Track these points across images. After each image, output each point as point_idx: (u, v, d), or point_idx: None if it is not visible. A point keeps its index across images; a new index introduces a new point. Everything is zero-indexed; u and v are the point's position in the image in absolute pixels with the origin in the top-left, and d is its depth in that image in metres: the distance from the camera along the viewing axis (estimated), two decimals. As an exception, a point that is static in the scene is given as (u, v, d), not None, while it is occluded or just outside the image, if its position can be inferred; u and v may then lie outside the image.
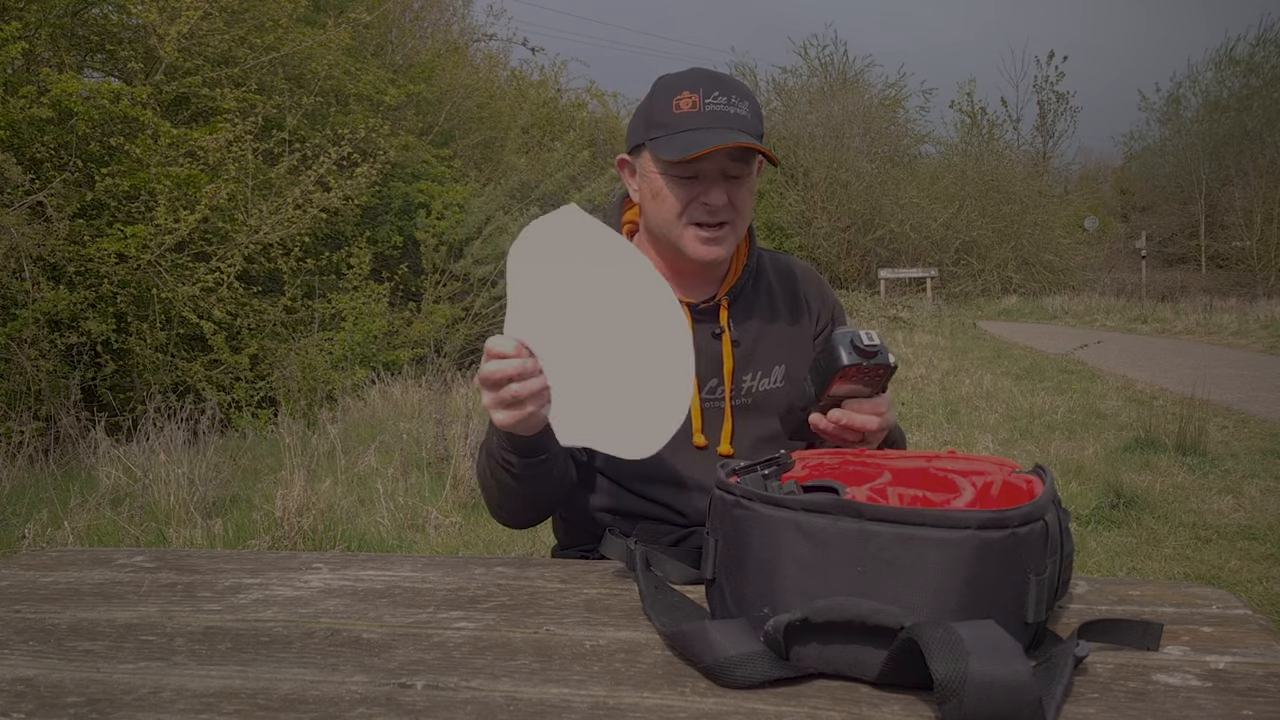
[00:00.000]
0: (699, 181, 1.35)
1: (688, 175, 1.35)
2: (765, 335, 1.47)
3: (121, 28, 8.32)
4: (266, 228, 7.70)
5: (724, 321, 1.44)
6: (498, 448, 1.29)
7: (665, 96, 1.36)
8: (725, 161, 1.34)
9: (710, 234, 1.37)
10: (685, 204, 1.37)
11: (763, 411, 1.44)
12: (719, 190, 1.35)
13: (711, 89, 1.35)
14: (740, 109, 1.35)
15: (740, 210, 1.38)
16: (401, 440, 5.53)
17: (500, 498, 1.37)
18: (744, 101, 1.36)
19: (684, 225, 1.38)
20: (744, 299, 1.47)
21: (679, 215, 1.37)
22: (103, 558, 1.37)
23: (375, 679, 0.92)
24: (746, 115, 1.35)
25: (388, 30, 12.95)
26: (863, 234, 24.18)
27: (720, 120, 1.33)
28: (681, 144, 1.31)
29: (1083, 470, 5.13)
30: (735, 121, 1.33)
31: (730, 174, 1.35)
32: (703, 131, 1.31)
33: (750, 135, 1.33)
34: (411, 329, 9.58)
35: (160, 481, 4.58)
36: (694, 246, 1.38)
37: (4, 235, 6.02)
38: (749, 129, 1.34)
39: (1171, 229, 29.75)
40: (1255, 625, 1.01)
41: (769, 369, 1.46)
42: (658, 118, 1.36)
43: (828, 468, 1.12)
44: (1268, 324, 14.85)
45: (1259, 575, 3.59)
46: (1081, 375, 9.45)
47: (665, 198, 1.38)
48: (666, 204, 1.38)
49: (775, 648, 0.87)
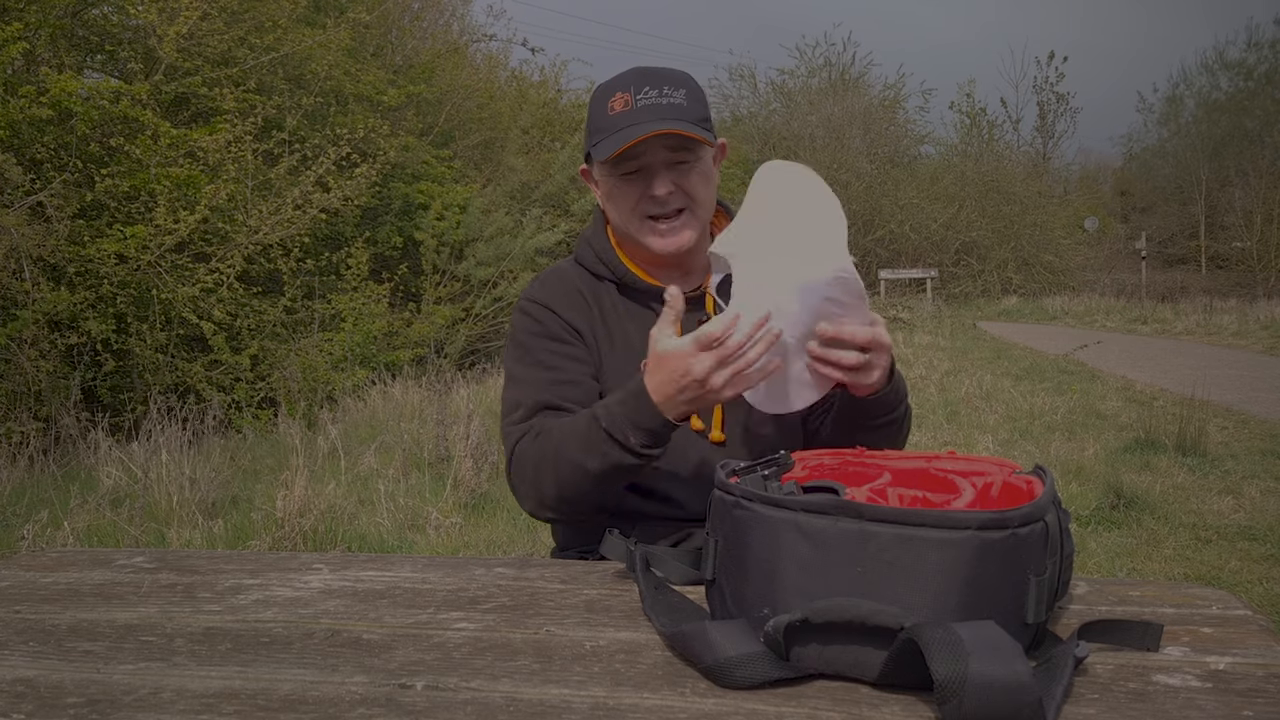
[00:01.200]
0: (644, 175, 1.37)
1: (630, 172, 1.38)
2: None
3: (121, 28, 8.33)
4: (266, 228, 7.71)
5: (710, 309, 1.45)
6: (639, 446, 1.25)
7: (601, 101, 1.39)
8: (666, 152, 1.36)
9: (666, 225, 1.39)
10: (635, 200, 1.39)
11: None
12: (661, 180, 1.37)
13: (643, 84, 1.36)
14: (674, 98, 1.36)
15: (694, 195, 1.39)
16: (402, 441, 5.53)
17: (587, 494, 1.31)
18: (679, 90, 1.37)
19: (640, 221, 1.40)
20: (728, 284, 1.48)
21: (632, 212, 1.40)
22: (103, 558, 1.37)
23: (375, 679, 0.92)
24: (682, 103, 1.36)
25: (388, 31, 12.96)
26: (863, 234, 24.18)
27: (652, 114, 1.34)
28: (613, 143, 1.34)
29: (1083, 471, 5.13)
30: (669, 111, 1.35)
31: (675, 161, 1.37)
32: (634, 127, 1.33)
33: (687, 121, 1.34)
34: (412, 330, 9.59)
35: (160, 482, 4.58)
36: (653, 241, 1.40)
37: (4, 235, 6.02)
38: (685, 115, 1.35)
39: (1171, 230, 29.76)
40: (1255, 626, 1.01)
41: None
42: (596, 123, 1.39)
43: (828, 468, 1.12)
44: (1268, 324, 14.85)
45: (1259, 575, 3.59)
46: (1081, 376, 9.45)
47: (616, 198, 1.41)
48: (619, 204, 1.41)
49: (775, 648, 0.87)
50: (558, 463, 1.31)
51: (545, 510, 1.38)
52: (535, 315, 1.46)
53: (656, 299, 1.41)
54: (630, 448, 1.25)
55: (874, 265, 24.05)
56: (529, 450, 1.36)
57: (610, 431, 1.26)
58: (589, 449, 1.28)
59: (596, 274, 1.49)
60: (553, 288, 1.48)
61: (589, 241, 1.51)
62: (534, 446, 1.35)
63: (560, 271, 1.52)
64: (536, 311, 1.46)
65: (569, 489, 1.32)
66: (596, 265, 1.48)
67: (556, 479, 1.32)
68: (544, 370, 1.42)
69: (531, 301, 1.48)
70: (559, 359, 1.42)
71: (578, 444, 1.29)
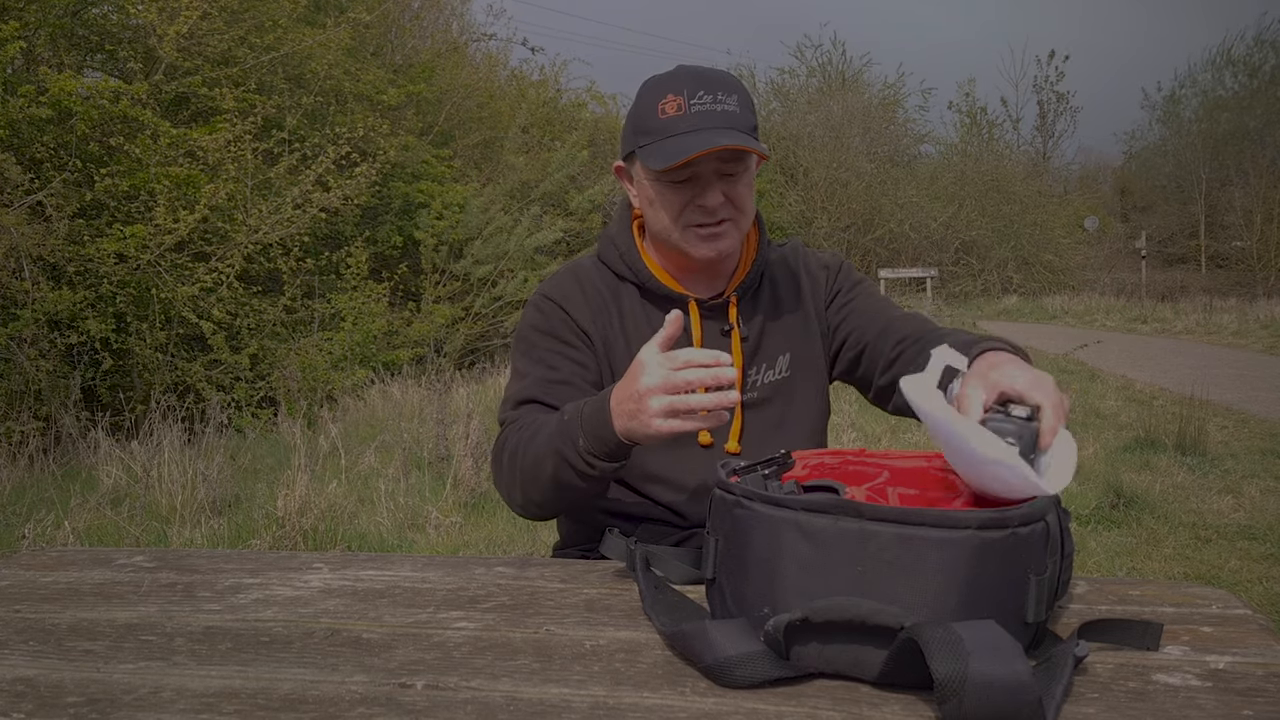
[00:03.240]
0: (693, 184, 1.33)
1: (680, 179, 1.33)
2: (771, 326, 1.46)
3: (121, 28, 8.32)
4: (266, 228, 7.70)
5: (733, 318, 1.43)
6: (584, 451, 1.21)
7: (651, 101, 1.34)
8: (717, 162, 1.32)
9: (710, 231, 1.35)
10: (681, 209, 1.35)
11: (771, 403, 1.44)
12: (714, 192, 1.33)
13: (696, 88, 1.32)
14: (728, 104, 1.32)
15: (740, 206, 1.36)
16: (402, 440, 5.52)
17: (548, 494, 1.29)
18: (732, 95, 1.33)
19: (683, 228, 1.36)
20: (751, 293, 1.47)
21: (676, 220, 1.36)
22: (103, 558, 1.37)
23: (375, 679, 0.92)
24: (735, 110, 1.32)
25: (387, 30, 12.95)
26: (863, 234, 24.17)
27: (707, 120, 1.30)
28: (668, 151, 1.29)
29: (1082, 470, 5.13)
30: (723, 119, 1.30)
31: (725, 172, 1.33)
32: (689, 135, 1.29)
33: (740, 130, 1.31)
34: (411, 329, 9.59)
35: (161, 481, 4.58)
36: (696, 246, 1.36)
37: (4, 235, 6.02)
38: (738, 124, 1.31)
39: (1171, 229, 29.74)
40: (1255, 625, 1.01)
41: (774, 359, 1.45)
42: (645, 124, 1.34)
43: (828, 468, 1.12)
44: (1268, 324, 14.84)
45: (1259, 575, 3.59)
46: (1081, 375, 9.45)
47: (660, 204, 1.36)
48: (663, 210, 1.36)
49: (775, 648, 0.87)
50: (524, 459, 1.29)
51: (517, 506, 1.35)
52: (545, 311, 1.44)
53: (680, 307, 1.40)
54: (579, 450, 1.21)
55: (874, 265, 24.05)
56: (506, 443, 1.34)
57: (568, 429, 1.23)
58: (549, 445, 1.25)
59: (619, 274, 1.45)
60: (569, 285, 1.45)
61: (613, 240, 1.47)
62: (511, 439, 1.33)
63: (581, 268, 1.48)
64: (547, 308, 1.44)
65: (532, 489, 1.30)
66: (619, 265, 1.45)
67: (521, 476, 1.30)
68: (543, 368, 1.40)
69: (544, 297, 1.45)
70: (558, 358, 1.41)
71: (543, 439, 1.27)
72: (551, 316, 1.43)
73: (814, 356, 1.48)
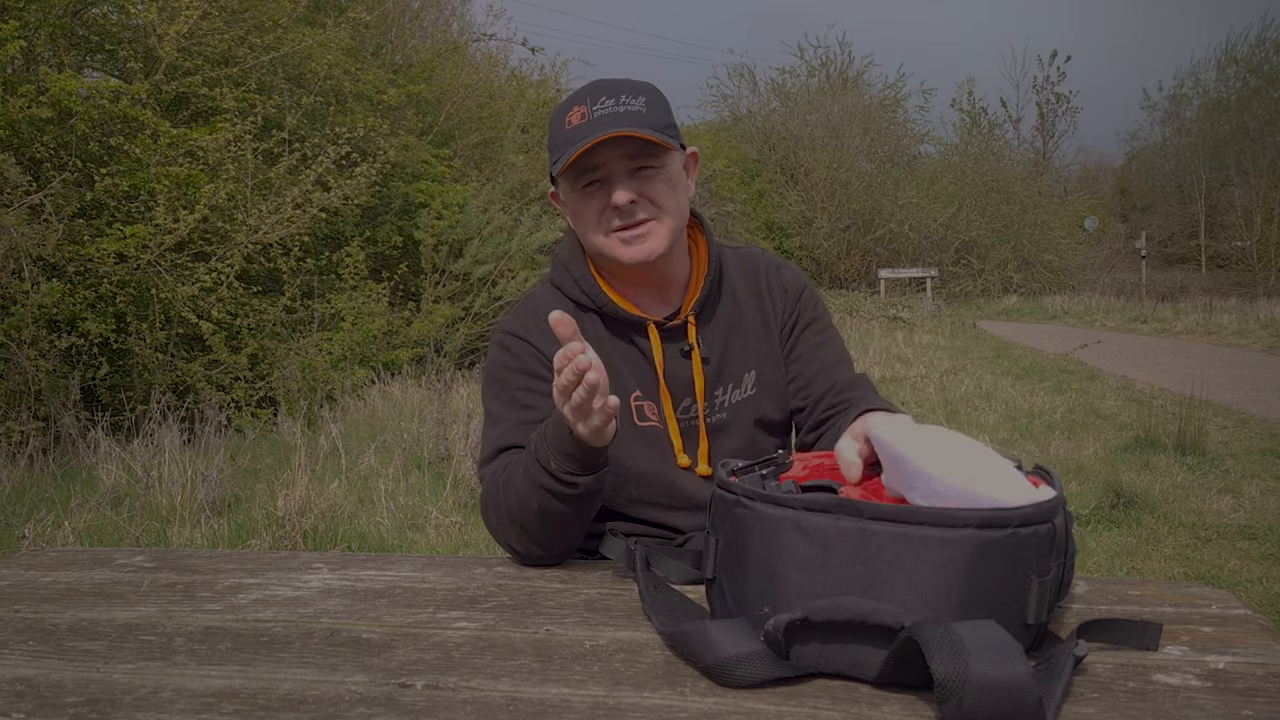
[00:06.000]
0: (605, 187, 1.32)
1: (590, 183, 1.32)
2: (733, 344, 1.43)
3: (121, 27, 8.32)
4: (266, 228, 7.70)
5: (692, 339, 1.40)
6: (559, 472, 1.21)
7: (560, 118, 1.34)
8: (626, 160, 1.30)
9: (631, 233, 1.33)
10: (599, 214, 1.33)
11: (737, 424, 1.42)
12: (621, 189, 1.30)
13: (599, 95, 1.31)
14: (633, 105, 1.30)
15: (658, 203, 1.33)
16: (402, 440, 5.52)
17: (544, 532, 1.27)
18: (638, 97, 1.31)
19: (605, 234, 1.34)
20: (709, 309, 1.43)
21: (597, 225, 1.34)
22: (103, 558, 1.37)
23: (375, 679, 0.92)
24: (641, 110, 1.30)
25: (387, 30, 12.95)
26: (863, 234, 24.19)
27: (609, 122, 1.28)
28: (569, 154, 1.28)
29: (1082, 470, 5.13)
30: (626, 119, 1.28)
31: (635, 169, 1.31)
32: (590, 137, 1.28)
33: (645, 127, 1.28)
34: (411, 329, 9.58)
35: (160, 481, 4.58)
36: (620, 250, 1.34)
37: (4, 235, 6.02)
38: (643, 122, 1.29)
39: (1171, 229, 29.77)
40: (1255, 625, 1.01)
41: (739, 378, 1.43)
42: (555, 139, 1.34)
43: (827, 468, 1.12)
44: (1268, 324, 14.84)
45: (1259, 575, 3.58)
46: (1081, 375, 9.45)
47: (580, 214, 1.35)
48: (583, 219, 1.35)
49: (775, 647, 0.87)
50: (509, 505, 1.27)
51: (520, 555, 1.32)
52: (513, 349, 1.40)
53: (640, 331, 1.39)
54: (553, 472, 1.20)
55: (874, 264, 24.07)
56: (487, 498, 1.32)
57: (538, 457, 1.22)
58: (526, 482, 1.24)
59: (579, 303, 1.41)
60: (532, 320, 1.40)
61: (566, 267, 1.43)
62: (489, 494, 1.32)
63: (539, 301, 1.42)
64: (515, 345, 1.40)
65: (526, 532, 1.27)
66: (577, 294, 1.40)
67: (512, 523, 1.28)
68: (517, 408, 1.37)
69: (510, 335, 1.41)
70: (533, 395, 1.37)
71: (519, 479, 1.26)
72: (520, 354, 1.39)
73: (777, 373, 1.46)
